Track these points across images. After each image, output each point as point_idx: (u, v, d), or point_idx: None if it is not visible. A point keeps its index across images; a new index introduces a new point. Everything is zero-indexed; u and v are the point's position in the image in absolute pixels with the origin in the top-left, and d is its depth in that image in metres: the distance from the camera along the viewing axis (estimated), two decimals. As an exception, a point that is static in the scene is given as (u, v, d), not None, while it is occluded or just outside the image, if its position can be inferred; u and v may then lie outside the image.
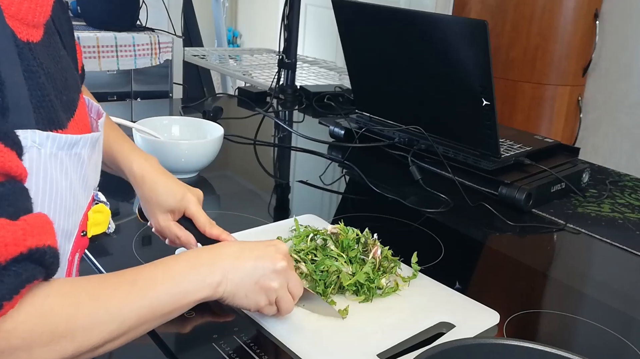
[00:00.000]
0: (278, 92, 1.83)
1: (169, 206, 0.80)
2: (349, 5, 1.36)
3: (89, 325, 0.53)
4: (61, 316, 0.52)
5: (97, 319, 0.54)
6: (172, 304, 0.60)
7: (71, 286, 0.55)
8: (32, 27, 0.58)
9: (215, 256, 0.64)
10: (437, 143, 1.26)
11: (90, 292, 0.55)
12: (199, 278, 0.62)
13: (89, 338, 0.54)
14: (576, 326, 0.81)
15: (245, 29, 5.04)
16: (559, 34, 2.44)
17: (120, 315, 0.56)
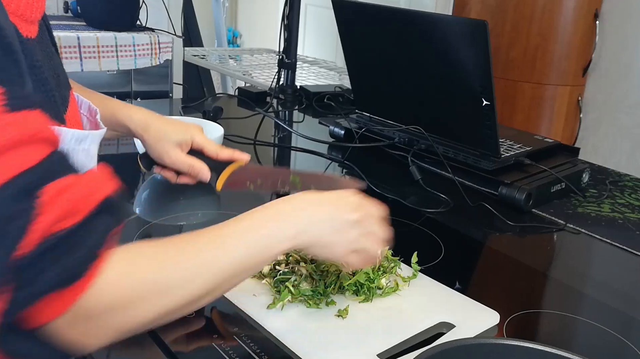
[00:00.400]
0: (278, 92, 1.83)
1: (178, 138, 0.83)
2: (349, 5, 1.36)
3: (178, 279, 0.55)
4: (152, 271, 0.54)
5: (185, 273, 0.55)
6: (253, 259, 0.60)
7: (154, 246, 0.56)
8: (29, 23, 0.58)
9: (288, 209, 0.64)
10: (437, 143, 1.26)
11: (173, 250, 0.57)
12: (275, 232, 0.62)
13: (180, 292, 0.55)
14: (576, 326, 0.81)
15: (245, 29, 5.04)
16: (559, 34, 2.44)
17: (207, 269, 0.57)
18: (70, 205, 0.48)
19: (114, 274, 0.51)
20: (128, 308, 0.52)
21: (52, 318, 0.48)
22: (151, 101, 2.16)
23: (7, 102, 0.46)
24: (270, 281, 0.76)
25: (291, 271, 0.76)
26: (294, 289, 0.74)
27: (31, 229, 0.45)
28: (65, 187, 0.48)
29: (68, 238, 0.47)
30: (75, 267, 0.48)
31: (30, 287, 0.46)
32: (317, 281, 0.76)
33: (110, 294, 0.50)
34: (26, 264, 0.45)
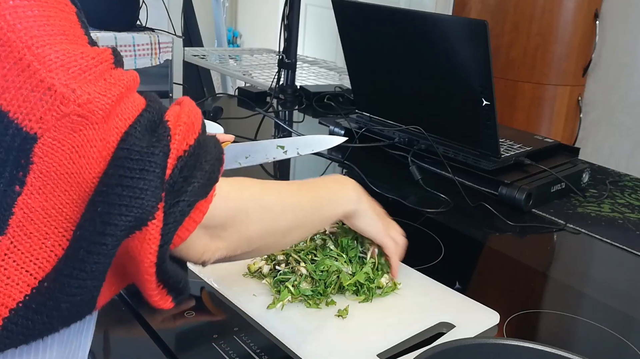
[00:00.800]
0: (278, 92, 1.83)
1: None
2: (349, 5, 1.36)
3: (279, 203, 0.64)
4: (259, 190, 0.63)
5: (284, 200, 0.65)
6: (330, 209, 0.72)
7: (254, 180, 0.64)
8: None
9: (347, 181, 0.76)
10: (437, 143, 1.26)
11: (270, 182, 0.67)
12: (345, 193, 0.74)
13: (282, 214, 0.64)
14: (576, 326, 0.81)
15: (245, 29, 5.04)
16: (559, 34, 2.44)
17: (299, 203, 0.67)
18: (189, 124, 0.53)
19: (229, 187, 0.57)
20: (244, 217, 0.59)
21: (192, 230, 0.53)
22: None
23: (114, 61, 0.52)
24: (270, 280, 0.76)
25: (291, 271, 0.76)
26: (294, 290, 0.74)
27: (172, 148, 0.50)
28: (178, 112, 0.54)
29: (193, 153, 0.52)
30: (212, 172, 0.53)
31: (183, 199, 0.50)
32: (317, 281, 0.76)
33: (229, 203, 0.57)
34: (172, 181, 0.50)
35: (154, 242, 0.49)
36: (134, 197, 0.48)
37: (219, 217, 0.56)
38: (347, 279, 0.75)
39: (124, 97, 0.51)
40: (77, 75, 0.48)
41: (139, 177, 0.48)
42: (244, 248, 0.61)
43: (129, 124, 0.50)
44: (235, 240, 0.59)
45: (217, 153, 0.55)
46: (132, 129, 0.50)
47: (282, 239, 0.66)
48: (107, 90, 0.50)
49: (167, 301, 0.54)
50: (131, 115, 0.51)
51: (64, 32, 0.50)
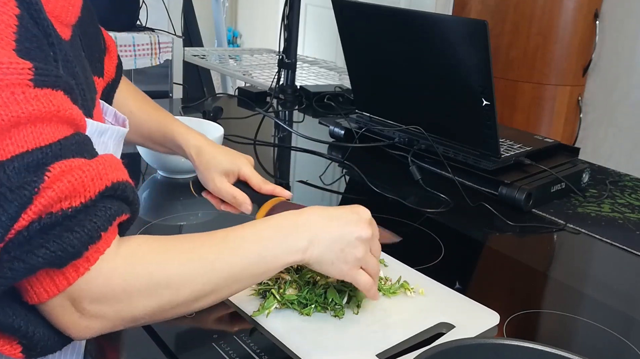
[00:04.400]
0: (278, 92, 1.83)
1: (225, 168, 0.86)
2: (349, 5, 1.36)
3: (183, 273, 0.55)
4: (156, 263, 0.54)
5: (191, 268, 0.56)
6: (261, 266, 0.60)
7: (160, 239, 0.56)
8: (64, 25, 0.60)
9: (302, 222, 0.65)
10: (437, 143, 1.26)
11: (180, 245, 0.57)
12: (287, 243, 0.62)
13: (184, 287, 0.55)
14: (576, 326, 0.80)
15: (245, 29, 5.04)
16: (559, 34, 2.44)
17: (214, 267, 0.57)
18: (77, 185, 0.48)
19: (117, 261, 0.51)
20: (127, 298, 0.52)
21: (47, 297, 0.49)
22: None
23: (32, 78, 0.47)
24: (256, 287, 0.76)
25: (275, 281, 0.75)
26: (279, 297, 0.73)
27: (35, 202, 0.46)
28: (74, 167, 0.49)
29: (71, 217, 0.48)
30: (73, 246, 0.48)
31: (26, 260, 0.46)
32: (302, 286, 0.74)
33: (111, 281, 0.51)
34: (25, 236, 0.46)
35: None
36: None
37: (90, 292, 0.50)
38: (333, 294, 0.73)
39: (26, 122, 0.46)
40: None
41: None
42: (126, 325, 0.55)
43: (14, 153, 0.46)
44: (111, 319, 0.52)
45: (94, 229, 0.49)
46: (10, 161, 0.46)
47: (187, 308, 0.57)
48: (6, 105, 0.45)
49: (16, 351, 0.50)
50: (24, 145, 0.46)
51: None
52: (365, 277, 0.67)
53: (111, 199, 0.51)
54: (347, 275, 0.67)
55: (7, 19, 0.48)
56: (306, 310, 0.72)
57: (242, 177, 0.86)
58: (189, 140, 0.89)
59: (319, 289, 0.73)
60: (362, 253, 0.66)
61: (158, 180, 1.16)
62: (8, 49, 0.47)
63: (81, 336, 0.52)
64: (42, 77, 0.48)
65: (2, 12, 0.48)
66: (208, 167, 0.87)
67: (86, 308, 0.50)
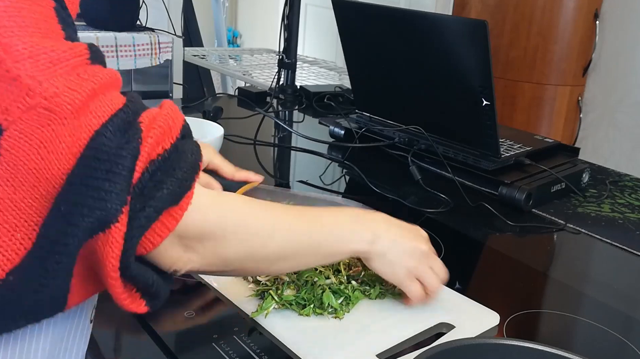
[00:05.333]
0: (278, 92, 1.83)
1: None
2: (349, 5, 1.36)
3: (271, 224, 0.60)
4: (247, 208, 0.59)
5: (277, 223, 0.60)
6: (333, 246, 0.65)
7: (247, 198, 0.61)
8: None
9: (373, 218, 0.70)
10: (437, 143, 1.26)
11: (263, 203, 0.61)
12: (358, 231, 0.67)
13: (271, 239, 0.60)
14: (576, 326, 0.81)
15: (245, 29, 5.04)
16: (559, 34, 2.44)
17: (295, 230, 0.62)
18: (165, 127, 0.52)
19: (208, 198, 0.55)
20: (221, 235, 0.56)
21: (161, 240, 0.52)
22: (151, 101, 2.16)
23: (89, 56, 0.51)
24: (254, 287, 0.76)
25: (273, 281, 0.75)
26: (277, 297, 0.72)
27: (142, 152, 0.49)
28: (156, 114, 0.52)
29: (166, 159, 0.51)
30: (186, 179, 0.52)
31: (152, 204, 0.49)
32: (300, 286, 0.74)
33: (207, 216, 0.55)
34: (141, 187, 0.49)
35: (116, 246, 0.47)
36: (98, 199, 0.46)
37: (194, 228, 0.54)
38: (329, 298, 0.73)
39: (98, 94, 0.50)
40: (46, 68, 0.47)
41: (105, 178, 0.47)
42: (219, 266, 0.59)
43: (102, 122, 0.49)
44: (210, 256, 0.57)
45: (193, 161, 0.54)
46: (103, 128, 0.48)
47: (269, 266, 0.62)
48: (78, 85, 0.48)
49: (141, 305, 0.53)
50: (105, 113, 0.49)
51: (37, 24, 0.49)
52: (418, 287, 0.71)
53: (186, 137, 0.55)
54: (401, 280, 0.71)
55: (49, 12, 0.51)
56: (305, 311, 0.72)
57: (212, 166, 0.87)
58: None
59: (317, 289, 0.73)
60: (420, 265, 0.71)
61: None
62: (61, 39, 0.51)
63: (185, 269, 0.56)
64: (94, 53, 0.52)
65: (43, 6, 0.51)
66: None
67: (189, 243, 0.54)
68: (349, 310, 0.73)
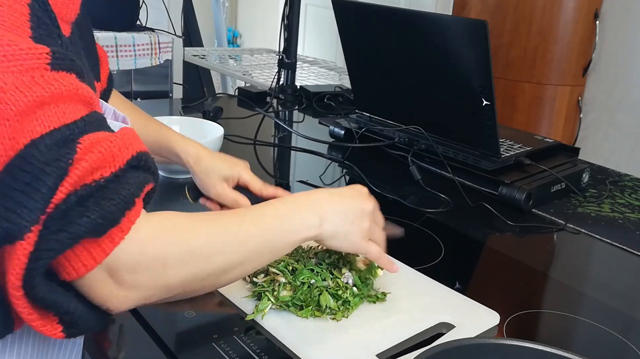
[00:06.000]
0: (278, 92, 1.83)
1: (225, 174, 0.88)
2: (349, 5, 1.36)
3: (214, 242, 0.57)
4: (188, 231, 0.56)
5: (220, 237, 0.58)
6: (281, 240, 0.63)
7: (187, 214, 0.58)
8: (64, 22, 0.61)
9: (313, 200, 0.68)
10: (437, 143, 1.26)
11: (207, 217, 0.59)
12: (303, 219, 0.65)
13: (215, 256, 0.57)
14: (576, 326, 0.81)
15: (245, 29, 5.04)
16: (559, 34, 2.44)
17: (240, 239, 0.59)
18: (107, 155, 0.49)
19: (149, 230, 0.52)
20: (161, 266, 0.53)
21: (85, 271, 0.49)
22: (151, 101, 2.16)
23: (50, 61, 0.49)
24: (252, 287, 0.76)
25: (270, 282, 0.74)
26: (273, 298, 0.72)
27: (71, 173, 0.47)
28: (102, 139, 0.50)
29: (103, 187, 0.49)
30: (112, 212, 0.49)
31: (69, 230, 0.47)
32: (297, 287, 0.73)
33: (145, 249, 0.52)
34: (64, 209, 0.47)
35: (17, 264, 0.45)
36: (10, 210, 0.45)
37: (128, 262, 0.51)
38: (326, 299, 0.72)
39: (49, 103, 0.48)
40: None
41: (22, 190, 0.45)
42: (160, 296, 0.55)
43: (42, 133, 0.47)
44: (149, 288, 0.53)
45: (128, 195, 0.50)
46: (40, 139, 0.46)
47: (216, 280, 0.59)
48: (28, 88, 0.47)
49: (56, 330, 0.50)
50: (49, 125, 0.47)
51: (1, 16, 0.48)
52: (375, 247, 0.71)
53: (137, 169, 0.53)
54: (359, 246, 0.70)
55: (21, 8, 0.50)
56: (303, 313, 0.71)
57: (242, 182, 0.88)
58: (187, 148, 0.91)
59: (314, 291, 0.73)
60: (369, 224, 0.70)
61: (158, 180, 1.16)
62: (25, 37, 0.49)
63: (120, 308, 0.53)
64: (58, 60, 0.50)
65: (16, 1, 0.50)
66: (208, 174, 0.88)
67: (123, 278, 0.51)
68: (347, 315, 0.73)
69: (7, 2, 0.49)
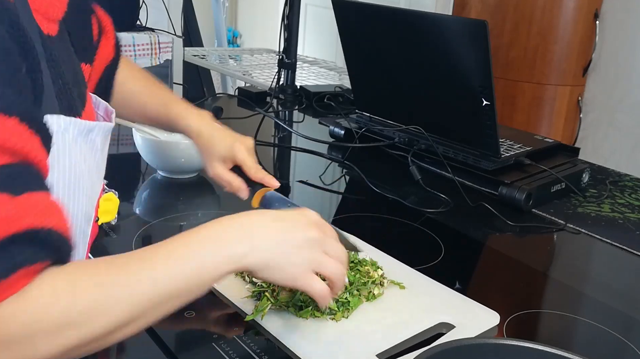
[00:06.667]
0: (278, 92, 1.83)
1: (221, 154, 0.86)
2: (349, 5, 1.36)
3: (91, 312, 0.49)
4: (62, 304, 0.48)
5: (100, 305, 0.49)
6: (189, 283, 0.54)
7: (75, 271, 0.51)
8: (50, 21, 0.60)
9: (243, 224, 0.59)
10: (437, 143, 1.26)
11: (94, 276, 0.51)
12: (227, 247, 0.56)
13: (93, 326, 0.49)
14: (576, 326, 0.81)
15: (245, 29, 5.04)
16: (559, 34, 2.44)
17: (127, 300, 0.51)
18: (7, 216, 0.45)
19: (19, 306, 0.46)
20: (28, 342, 0.47)
21: None
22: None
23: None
24: (251, 287, 0.76)
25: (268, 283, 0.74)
26: (273, 299, 0.72)
27: None
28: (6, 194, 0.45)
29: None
30: None
31: None
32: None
33: (9, 326, 0.46)
34: None
35: None
36: None
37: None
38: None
39: None
40: None
41: None
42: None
43: None
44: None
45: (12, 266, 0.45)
46: None
47: (103, 343, 0.51)
48: None
49: None
50: None
51: None
52: (320, 284, 0.62)
53: (25, 245, 0.46)
54: (299, 281, 0.61)
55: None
56: (302, 314, 0.71)
57: (238, 161, 0.85)
58: (189, 122, 0.89)
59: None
60: (313, 255, 0.61)
61: (158, 180, 1.16)
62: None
63: None
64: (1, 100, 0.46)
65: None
66: (205, 152, 0.87)
67: None
68: (347, 316, 0.73)
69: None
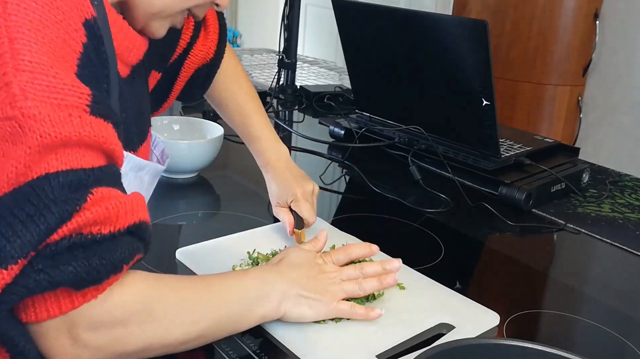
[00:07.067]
0: (278, 92, 1.83)
1: (282, 199, 0.90)
2: (349, 5, 1.36)
3: (174, 313, 0.56)
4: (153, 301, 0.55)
5: (180, 309, 0.57)
6: (239, 315, 0.63)
7: (155, 279, 0.57)
8: (124, 64, 0.63)
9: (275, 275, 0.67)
10: (437, 143, 1.26)
11: (172, 286, 0.59)
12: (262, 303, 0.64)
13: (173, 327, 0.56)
14: (576, 326, 0.80)
15: (245, 29, 5.04)
16: (559, 34, 2.44)
17: (198, 312, 0.59)
18: (112, 213, 0.49)
19: (122, 294, 0.52)
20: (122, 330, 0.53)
21: (46, 317, 0.48)
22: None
23: (90, 104, 0.49)
24: None
25: None
26: None
27: (73, 219, 0.47)
28: (113, 196, 0.50)
29: (97, 243, 0.49)
30: (99, 271, 0.48)
31: (51, 274, 0.46)
32: None
33: (113, 311, 0.51)
34: (52, 250, 0.46)
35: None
36: (3, 235, 0.44)
37: (90, 319, 0.50)
38: None
39: (73, 146, 0.48)
40: (40, 88, 0.46)
41: (21, 220, 0.45)
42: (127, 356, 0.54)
43: (59, 169, 0.47)
44: (102, 350, 0.52)
45: (117, 260, 0.50)
46: (54, 175, 0.46)
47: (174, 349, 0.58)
48: (61, 124, 0.46)
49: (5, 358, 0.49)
50: (67, 164, 0.47)
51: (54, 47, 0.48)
52: (345, 305, 0.69)
53: (133, 236, 0.52)
54: (332, 314, 0.68)
55: (74, 44, 0.50)
56: None
57: (293, 206, 0.89)
58: (266, 154, 0.95)
59: None
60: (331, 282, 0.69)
61: (158, 180, 1.16)
62: (70, 72, 0.49)
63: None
64: (98, 105, 0.50)
65: (72, 37, 0.50)
66: (269, 189, 0.93)
67: (81, 335, 0.50)
68: None
69: (62, 34, 0.49)
